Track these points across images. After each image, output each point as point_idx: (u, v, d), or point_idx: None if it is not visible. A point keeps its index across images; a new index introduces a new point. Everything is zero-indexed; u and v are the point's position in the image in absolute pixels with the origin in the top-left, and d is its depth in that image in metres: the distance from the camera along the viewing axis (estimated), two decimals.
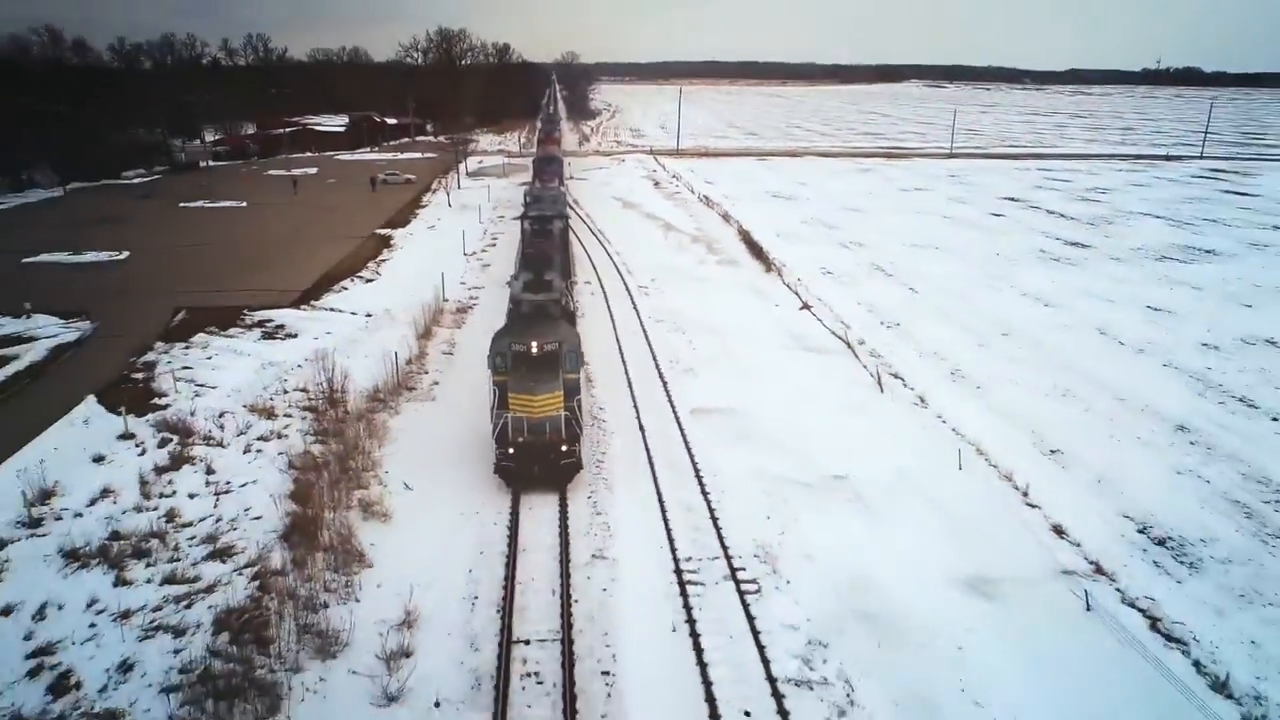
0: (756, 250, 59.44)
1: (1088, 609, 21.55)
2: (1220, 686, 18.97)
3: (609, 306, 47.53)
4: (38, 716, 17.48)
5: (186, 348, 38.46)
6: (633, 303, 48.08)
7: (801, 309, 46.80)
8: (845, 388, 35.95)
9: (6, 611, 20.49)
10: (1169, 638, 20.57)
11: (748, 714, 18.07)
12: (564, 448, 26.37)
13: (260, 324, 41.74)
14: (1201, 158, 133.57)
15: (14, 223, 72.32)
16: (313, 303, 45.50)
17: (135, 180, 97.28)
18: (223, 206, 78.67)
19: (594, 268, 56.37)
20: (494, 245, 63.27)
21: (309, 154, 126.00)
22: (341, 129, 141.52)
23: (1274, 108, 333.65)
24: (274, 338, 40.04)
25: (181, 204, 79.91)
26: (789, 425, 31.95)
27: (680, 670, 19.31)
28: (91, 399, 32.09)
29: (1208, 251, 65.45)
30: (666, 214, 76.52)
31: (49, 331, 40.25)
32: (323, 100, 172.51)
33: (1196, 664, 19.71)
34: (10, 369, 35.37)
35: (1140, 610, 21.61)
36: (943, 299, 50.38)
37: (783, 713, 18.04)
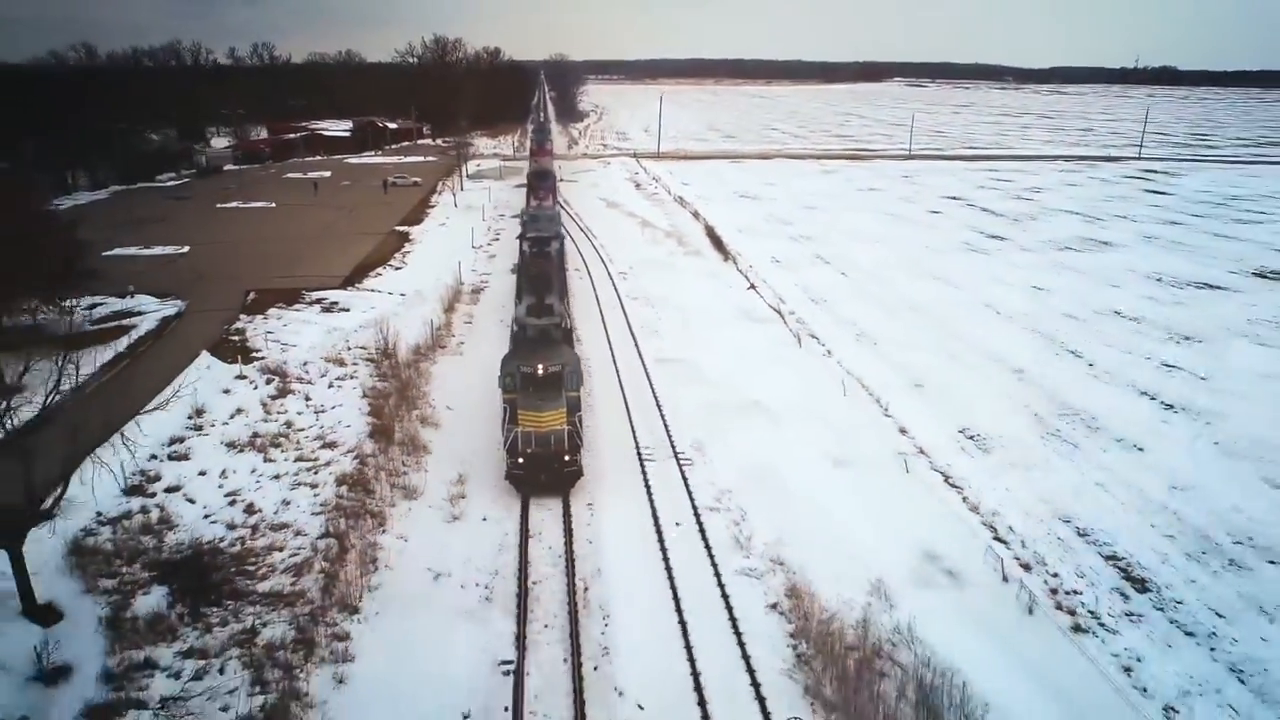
0: (718, 243, 70.63)
1: (906, 472, 32.78)
2: (974, 509, 30.23)
3: (594, 288, 58.56)
4: (241, 523, 28.45)
5: (265, 318, 49.36)
6: (613, 285, 59.16)
7: (748, 289, 58.03)
8: (773, 345, 47.21)
9: (202, 473, 31.45)
10: (952, 485, 31.86)
11: (678, 523, 29.20)
12: (566, 458, 30.10)
13: (318, 301, 52.67)
14: (1139, 158, 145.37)
15: (75, 222, 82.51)
16: (356, 285, 56.48)
17: (168, 183, 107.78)
18: (254, 207, 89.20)
19: (582, 258, 67.32)
20: (497, 240, 74.20)
21: (319, 157, 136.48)
22: (347, 133, 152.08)
23: (1241, 107, 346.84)
24: (331, 311, 50.98)
25: (218, 205, 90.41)
26: (726, 370, 43.13)
27: (637, 504, 30.41)
28: (206, 353, 42.92)
29: (1104, 243, 76.90)
30: (645, 212, 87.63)
31: (152, 307, 50.95)
32: (325, 104, 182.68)
33: (964, 498, 30.99)
34: (135, 334, 46.08)
35: (940, 473, 32.90)
36: (867, 282, 61.61)
37: (700, 522, 29.17)
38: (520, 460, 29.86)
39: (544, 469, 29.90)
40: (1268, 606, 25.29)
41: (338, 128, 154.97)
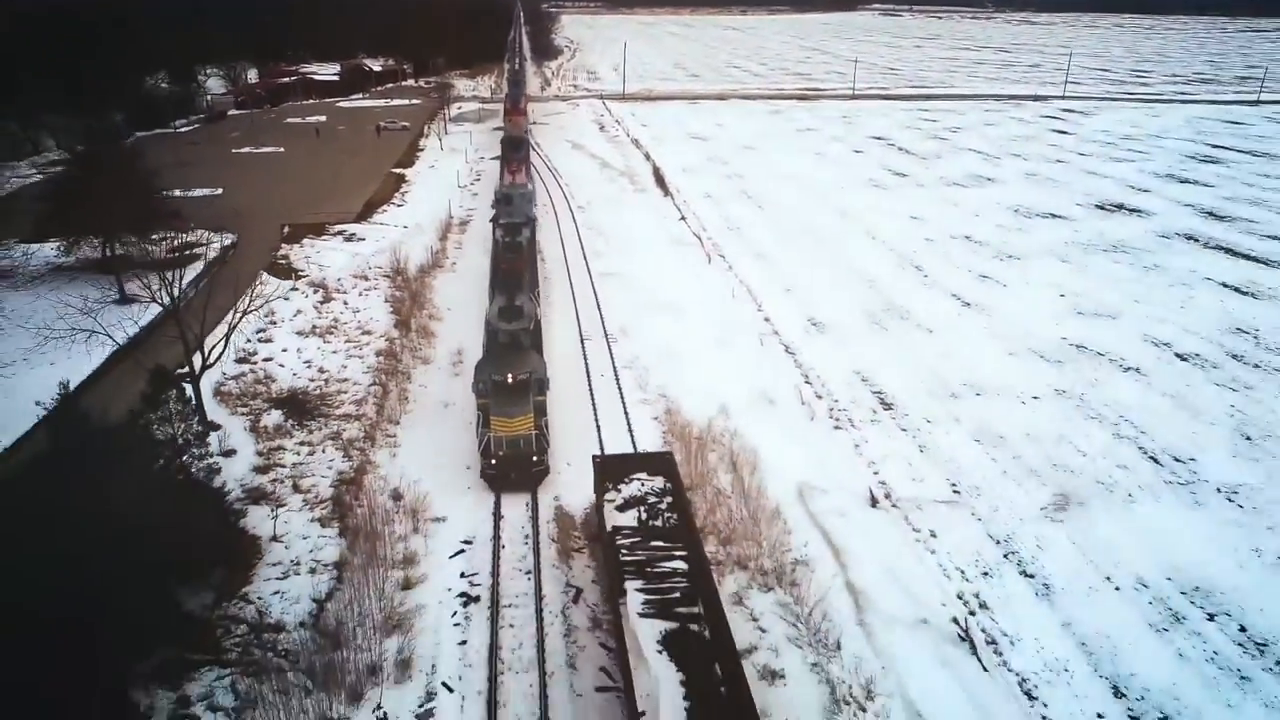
0: (661, 182, 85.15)
1: (761, 346, 48.38)
2: (799, 367, 45.92)
3: (558, 221, 73.31)
4: (317, 378, 43.69)
5: (300, 246, 63.90)
6: (573, 217, 73.97)
7: (680, 220, 72.94)
8: (690, 263, 62.46)
9: (284, 350, 46.60)
10: (789, 353, 47.52)
11: (602, 375, 44.72)
12: (535, 459, 33.81)
13: (340, 233, 67.18)
14: (1063, 97, 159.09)
15: (157, 171, 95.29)
16: (368, 220, 70.93)
17: (183, 129, 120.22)
18: (266, 152, 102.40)
19: (549, 196, 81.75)
20: (478, 180, 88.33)
21: (312, 101, 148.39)
22: (336, 77, 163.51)
23: (1200, 38, 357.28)
24: (351, 241, 65.55)
25: (233, 150, 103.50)
26: (652, 280, 58.36)
27: (576, 364, 45.89)
28: (264, 273, 57.58)
29: (989, 179, 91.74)
30: (605, 154, 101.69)
31: (211, 239, 65.19)
32: (310, 44, 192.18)
33: (795, 361, 46.63)
34: (205, 260, 60.47)
35: (785, 346, 48.52)
36: (778, 214, 76.55)
37: (616, 374, 44.70)
38: (493, 461, 33.60)
39: (515, 468, 33.78)
40: (959, 417, 41.14)
41: (326, 71, 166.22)
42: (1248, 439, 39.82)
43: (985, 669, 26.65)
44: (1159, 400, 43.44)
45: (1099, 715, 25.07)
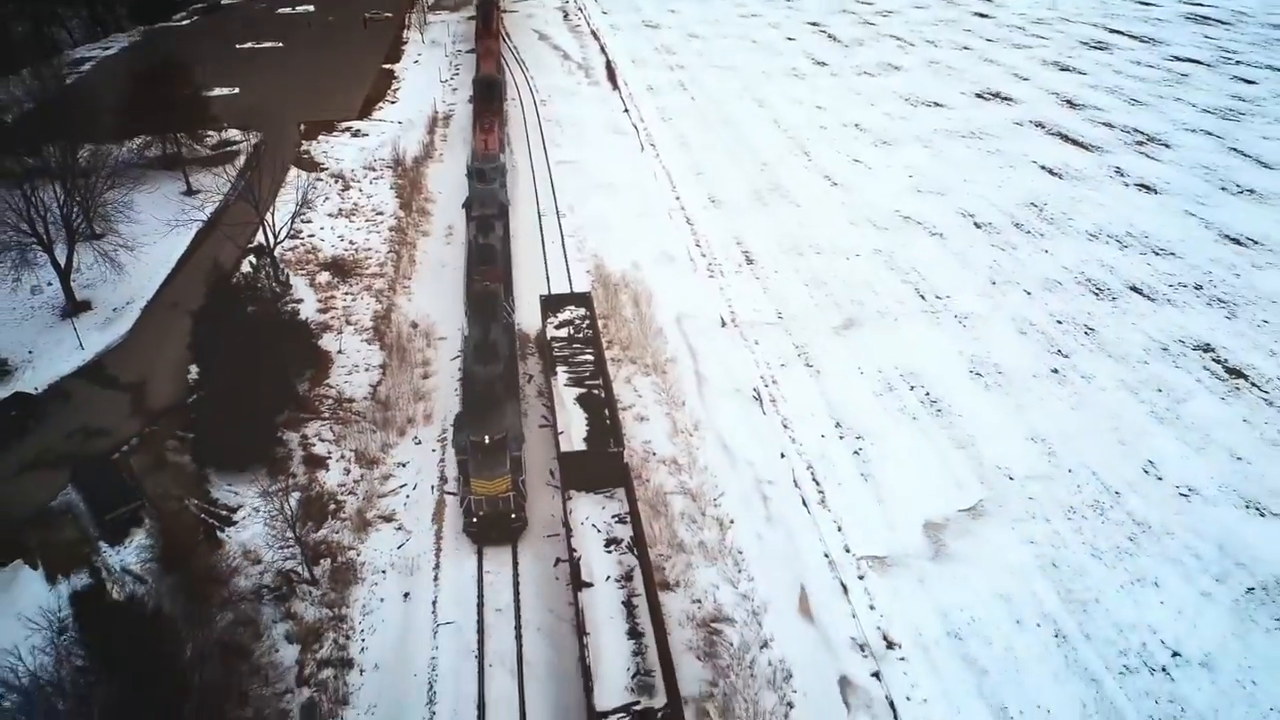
0: (611, 75, 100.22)
1: (670, 218, 66.12)
2: (694, 233, 63.84)
3: (524, 114, 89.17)
4: (349, 248, 61.43)
5: (317, 143, 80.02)
6: (536, 109, 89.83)
7: (623, 112, 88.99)
8: (626, 150, 79.20)
9: (321, 228, 64.03)
10: (689, 223, 65.38)
11: (552, 242, 62.57)
12: (513, 515, 36.42)
13: (347, 129, 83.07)
14: None
15: (203, 86, 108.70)
16: (368, 118, 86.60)
17: (185, 23, 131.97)
18: (266, 47, 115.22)
19: (517, 89, 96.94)
20: (458, 74, 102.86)
21: None
22: None
23: None
24: (357, 136, 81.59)
25: (236, 45, 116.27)
26: (596, 166, 75.30)
27: (533, 233, 63.72)
28: (293, 168, 74.04)
29: (896, 68, 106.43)
30: (567, 46, 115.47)
31: (241, 138, 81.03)
32: None
33: (692, 229, 64.50)
34: (243, 156, 76.68)
35: (687, 218, 66.27)
36: (706, 104, 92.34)
37: (563, 241, 62.57)
38: (475, 520, 36.54)
39: (495, 526, 36.74)
40: (798, 269, 59.42)
41: None
42: (993, 284, 58.33)
43: (765, 414, 46.05)
44: (946, 256, 61.66)
45: (822, 435, 44.59)
